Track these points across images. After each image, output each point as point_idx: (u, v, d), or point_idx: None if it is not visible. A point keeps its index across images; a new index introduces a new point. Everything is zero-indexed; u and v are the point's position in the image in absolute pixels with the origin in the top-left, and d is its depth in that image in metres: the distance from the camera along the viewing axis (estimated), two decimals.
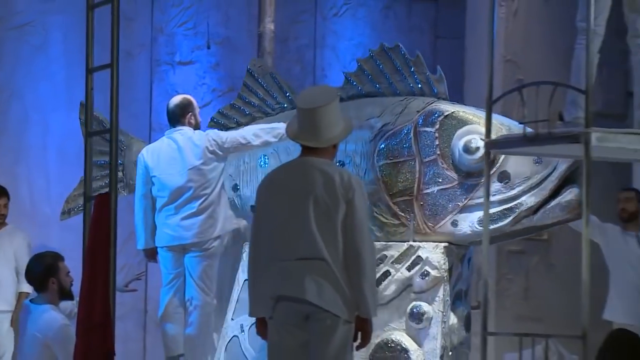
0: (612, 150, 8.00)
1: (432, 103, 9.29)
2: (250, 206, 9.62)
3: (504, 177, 9.17)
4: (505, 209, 9.13)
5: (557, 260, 10.17)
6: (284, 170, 7.15)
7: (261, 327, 6.91)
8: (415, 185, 9.31)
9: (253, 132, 9.29)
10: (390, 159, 9.31)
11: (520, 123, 8.60)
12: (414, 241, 9.14)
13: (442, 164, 9.23)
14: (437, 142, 9.25)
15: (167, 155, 9.31)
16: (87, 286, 6.61)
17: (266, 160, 9.35)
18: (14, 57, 11.60)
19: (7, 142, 11.56)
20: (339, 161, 9.28)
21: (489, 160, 8.41)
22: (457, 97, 12.13)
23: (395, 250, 9.14)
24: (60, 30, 11.51)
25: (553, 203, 9.02)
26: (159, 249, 9.38)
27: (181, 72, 12.09)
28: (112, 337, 6.51)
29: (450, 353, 9.01)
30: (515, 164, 9.08)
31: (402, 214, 9.26)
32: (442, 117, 9.29)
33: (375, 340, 8.90)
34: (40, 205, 11.52)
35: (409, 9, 12.88)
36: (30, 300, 8.90)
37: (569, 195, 9.05)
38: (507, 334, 8.91)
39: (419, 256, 9.05)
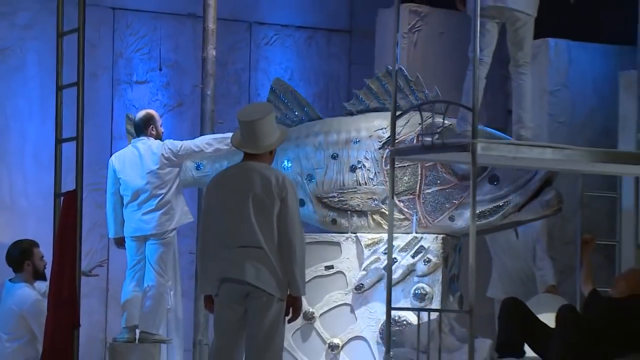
0: (494, 157, 8.14)
1: (430, 117, 9.24)
2: None
3: (494, 179, 9.29)
4: (495, 207, 9.24)
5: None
6: (229, 173, 7.15)
7: (209, 303, 6.95)
8: (418, 186, 9.41)
9: (206, 142, 9.33)
10: (395, 164, 9.24)
11: (419, 135, 8.66)
12: (417, 233, 9.24)
13: (441, 169, 9.33)
14: None
15: (131, 160, 9.37)
16: (57, 268, 6.57)
17: (289, 164, 9.24)
18: None
19: None
20: (352, 165, 9.44)
21: (393, 164, 8.43)
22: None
23: (401, 240, 9.22)
24: (36, 53, 11.41)
25: (535, 201, 9.13)
26: (125, 238, 9.41)
27: (138, 90, 12.00)
28: (77, 311, 6.47)
29: (446, 329, 8.77)
30: (504, 168, 9.16)
31: (407, 210, 9.36)
32: (440, 129, 9.23)
33: (384, 316, 8.94)
34: (19, 200, 11.40)
35: (328, 40, 12.85)
36: (9, 280, 8.94)
37: (548, 195, 9.16)
38: (407, 309, 8.96)
39: (421, 246, 9.19)
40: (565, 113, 10.38)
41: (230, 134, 8.46)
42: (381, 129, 9.49)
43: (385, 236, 9.12)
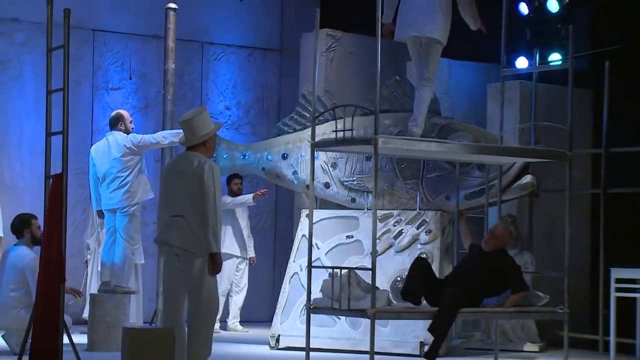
0: (392, 149, 8.11)
1: (431, 117, 9.22)
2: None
3: (481, 167, 9.14)
4: (482, 189, 9.10)
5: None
6: (173, 161, 7.27)
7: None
8: (421, 172, 9.37)
9: (162, 135, 9.29)
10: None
11: (333, 132, 8.64)
12: (420, 209, 9.26)
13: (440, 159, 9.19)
14: None
15: (102, 150, 9.36)
16: (47, 235, 6.49)
17: (317, 155, 8.63)
18: None
19: None
20: (368, 155, 9.28)
21: (313, 155, 8.40)
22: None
23: (407, 215, 9.28)
24: (30, 65, 11.30)
25: (515, 185, 9.08)
26: (103, 210, 9.36)
27: (113, 95, 11.91)
28: (63, 268, 6.39)
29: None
30: (488, 158, 8.87)
31: (412, 191, 9.38)
32: (440, 126, 9.27)
33: (395, 276, 9.13)
34: (17, 182, 11.30)
35: (264, 56, 12.84)
36: (13, 244, 8.96)
37: (525, 180, 9.12)
38: (325, 267, 8.93)
39: (424, 219, 9.23)
40: (447, 115, 10.42)
41: (181, 130, 8.46)
42: (390, 127, 9.39)
43: (395, 212, 9.29)
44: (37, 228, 8.75)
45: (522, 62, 10.43)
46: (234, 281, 11.14)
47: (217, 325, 10.23)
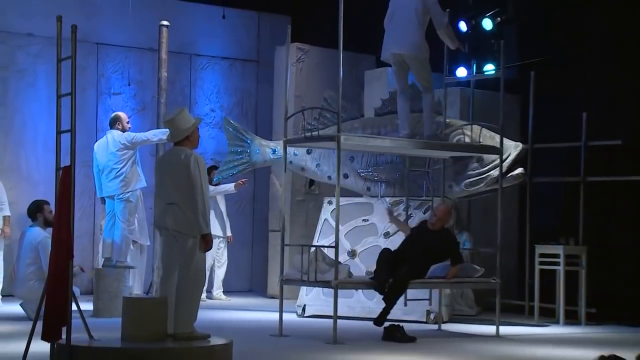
0: (352, 145, 8.12)
1: (436, 117, 9.04)
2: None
3: (480, 159, 9.04)
4: (480, 178, 9.02)
5: (321, 205, 10.15)
6: (164, 154, 7.25)
7: None
8: (427, 165, 9.25)
9: (152, 134, 9.31)
10: None
11: (303, 129, 8.66)
12: (427, 196, 9.13)
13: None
14: (439, 139, 8.95)
15: (102, 146, 9.37)
16: (58, 218, 6.42)
17: (334, 151, 8.21)
18: (17, 89, 11.35)
19: (14, 138, 11.36)
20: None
21: (285, 150, 8.39)
22: (269, 116, 12.17)
23: (417, 201, 9.16)
24: (43, 73, 11.22)
25: (508, 175, 8.89)
26: (104, 197, 9.38)
27: (114, 99, 11.83)
28: (72, 247, 6.34)
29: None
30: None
31: (419, 181, 9.23)
32: (443, 125, 9.08)
33: None
34: (33, 173, 11.25)
35: (243, 66, 12.77)
36: (29, 226, 8.99)
37: (517, 170, 8.98)
38: (296, 245, 8.96)
39: (430, 205, 9.00)
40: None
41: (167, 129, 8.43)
42: (358, 129, 9.32)
43: (404, 199, 9.15)
44: (49, 212, 8.73)
45: (461, 72, 10.45)
46: (215, 257, 11.11)
47: (203, 295, 10.22)
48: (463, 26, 10.58)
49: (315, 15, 12.04)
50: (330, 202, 9.52)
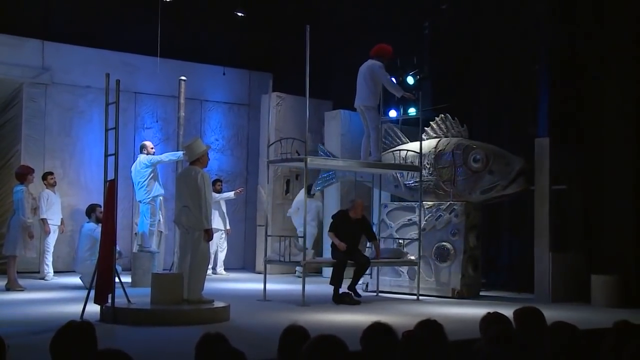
0: (317, 165, 8.10)
1: (459, 139, 8.83)
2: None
3: (492, 171, 8.58)
4: (491, 187, 8.56)
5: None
6: (182, 171, 7.07)
7: None
8: (453, 176, 8.75)
9: (166, 156, 9.12)
10: (441, 165, 8.82)
11: (281, 154, 8.64)
12: (452, 201, 8.65)
13: (464, 167, 8.70)
14: (462, 158, 8.73)
15: (135, 166, 9.37)
16: (105, 217, 6.42)
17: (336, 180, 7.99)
18: (79, 125, 11.26)
19: (75, 159, 11.17)
20: (411, 162, 8.75)
21: (268, 168, 8.37)
22: (257, 144, 12.13)
23: (444, 205, 8.64)
24: (97, 114, 11.09)
25: (514, 183, 8.49)
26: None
27: (147, 132, 11.74)
28: (115, 237, 6.34)
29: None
30: (497, 165, 8.56)
31: (447, 189, 8.76)
32: (464, 146, 8.78)
33: (435, 245, 8.56)
34: (89, 185, 11.13)
35: (238, 108, 12.68)
36: (86, 222, 8.95)
37: (521, 180, 8.47)
38: (276, 236, 8.95)
39: (454, 208, 8.54)
40: (353, 146, 10.38)
41: (181, 152, 8.43)
42: (431, 149, 8.90)
43: (430, 203, 8.61)
44: (99, 212, 8.65)
45: (392, 113, 10.55)
46: (219, 244, 11.07)
47: (209, 271, 10.22)
48: (410, 80, 10.46)
49: (290, 72, 12.04)
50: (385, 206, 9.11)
